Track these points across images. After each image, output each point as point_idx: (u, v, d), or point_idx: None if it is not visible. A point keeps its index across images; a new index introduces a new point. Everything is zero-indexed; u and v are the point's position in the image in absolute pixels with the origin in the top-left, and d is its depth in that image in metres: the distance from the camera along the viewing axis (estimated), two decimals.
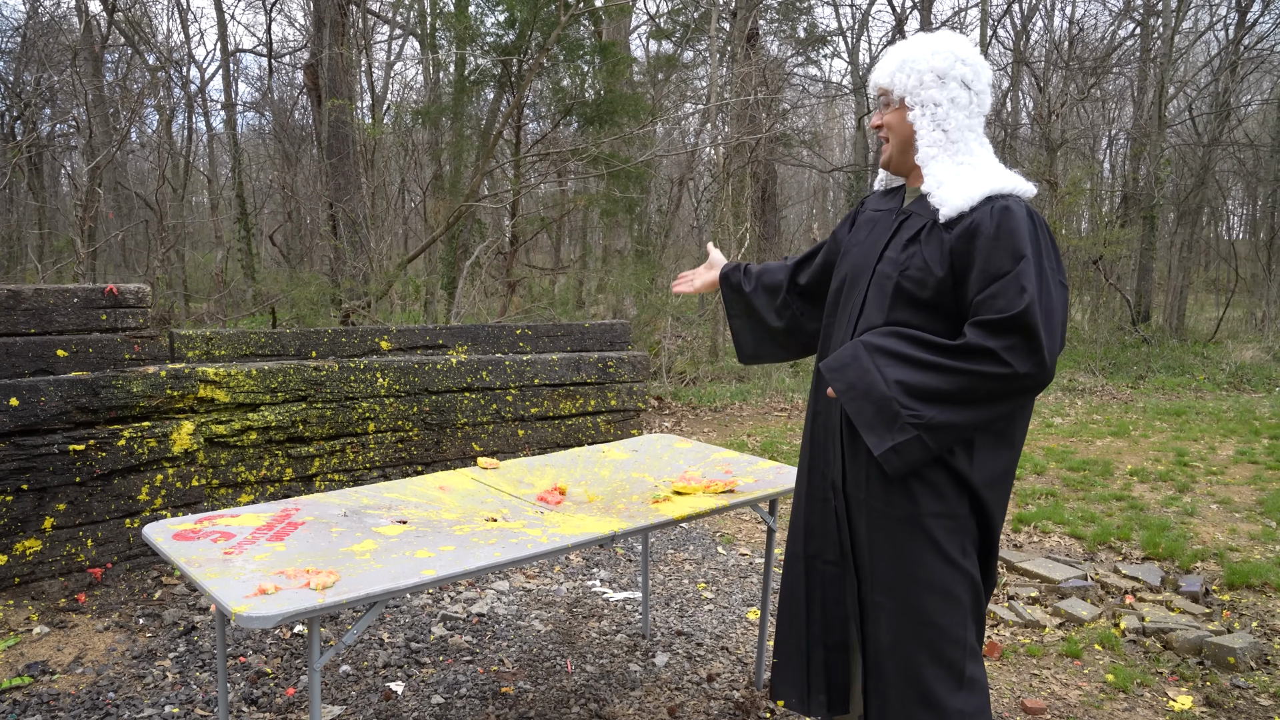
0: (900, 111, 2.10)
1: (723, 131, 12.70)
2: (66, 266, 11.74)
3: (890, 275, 2.05)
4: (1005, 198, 1.98)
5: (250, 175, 19.07)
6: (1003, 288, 1.87)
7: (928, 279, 1.99)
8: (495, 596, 4.04)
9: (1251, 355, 12.47)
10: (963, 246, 1.95)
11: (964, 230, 1.95)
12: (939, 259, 1.98)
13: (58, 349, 4.15)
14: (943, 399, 1.89)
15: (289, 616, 1.87)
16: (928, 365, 1.91)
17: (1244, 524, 5.19)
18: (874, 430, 1.94)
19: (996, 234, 1.91)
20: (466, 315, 10.40)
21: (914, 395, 1.90)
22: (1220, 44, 18.03)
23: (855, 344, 2.03)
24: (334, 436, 4.89)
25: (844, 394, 1.99)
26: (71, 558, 3.94)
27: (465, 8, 10.39)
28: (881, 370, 1.94)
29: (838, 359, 2.04)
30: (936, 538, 2.00)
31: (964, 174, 2.02)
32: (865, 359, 1.97)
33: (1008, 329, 1.85)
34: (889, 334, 2.00)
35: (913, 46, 2.10)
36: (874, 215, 2.26)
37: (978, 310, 1.91)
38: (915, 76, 2.06)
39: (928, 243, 2.01)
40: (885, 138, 2.15)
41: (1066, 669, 3.43)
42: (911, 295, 2.01)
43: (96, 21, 14.44)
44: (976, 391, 1.88)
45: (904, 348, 1.95)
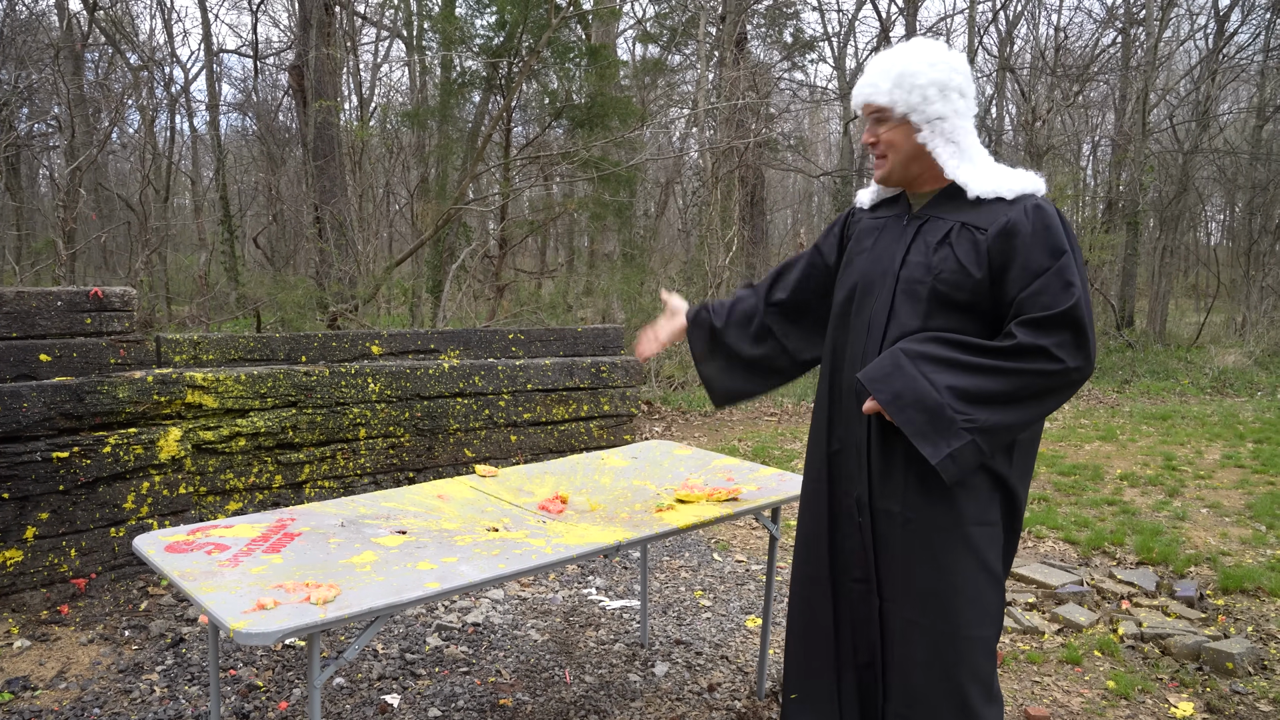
0: (903, 128, 2.06)
1: (711, 135, 12.69)
2: (46, 268, 11.57)
3: (923, 280, 2.01)
4: (1035, 196, 1.99)
5: (234, 177, 18.91)
6: (1046, 284, 1.87)
7: (964, 281, 1.96)
8: (490, 605, 3.99)
9: (1233, 360, 12.58)
10: (1000, 245, 1.94)
11: (1001, 229, 1.94)
12: (975, 260, 1.96)
13: (40, 353, 4.06)
14: (995, 400, 1.88)
15: (290, 633, 1.82)
16: (978, 369, 1.89)
17: (1234, 528, 5.20)
18: (928, 439, 1.89)
19: (1035, 231, 1.91)
20: (453, 319, 10.32)
21: (966, 399, 1.88)
22: (1200, 53, 18.22)
23: (895, 353, 1.97)
24: (324, 443, 4.82)
25: (891, 404, 1.93)
26: (54, 568, 3.85)
27: (452, 9, 10.33)
28: (929, 377, 1.90)
29: (878, 369, 1.97)
30: (978, 546, 1.99)
31: (992, 173, 2.03)
32: (909, 367, 1.93)
33: (1058, 325, 1.85)
34: (929, 340, 1.96)
35: (906, 60, 2.05)
36: (877, 222, 2.21)
37: (1022, 308, 1.90)
38: (918, 93, 2.02)
39: (959, 244, 1.98)
40: (883, 154, 2.10)
41: (1067, 676, 3.41)
42: (947, 298, 1.98)
43: (77, 20, 14.26)
44: (1029, 390, 1.87)
45: (950, 353, 1.92)
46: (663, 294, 2.69)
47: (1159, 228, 16.92)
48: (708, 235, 11.80)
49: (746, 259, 14.92)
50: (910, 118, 2.04)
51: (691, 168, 15.26)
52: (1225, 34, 16.79)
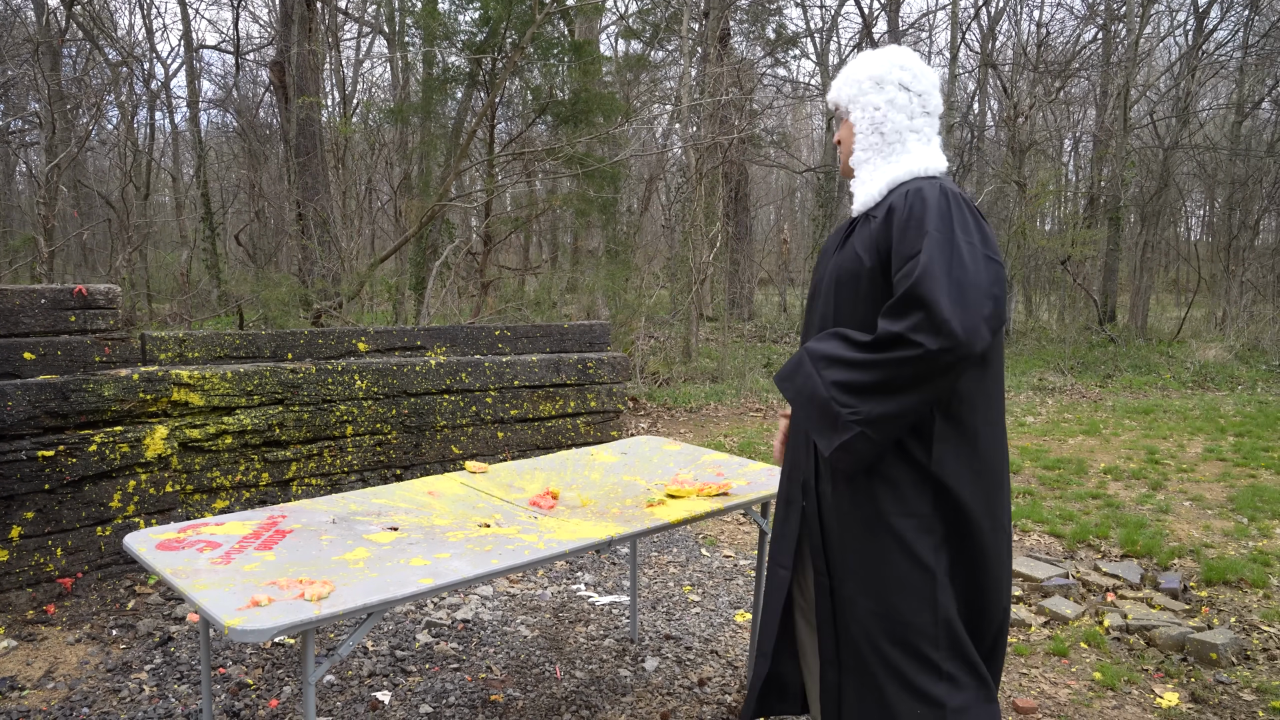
0: (846, 124, 2.18)
1: (695, 131, 12.70)
2: (25, 266, 11.45)
3: (836, 275, 2.11)
4: (916, 180, 2.03)
5: (216, 174, 18.75)
6: (909, 268, 1.87)
7: (859, 269, 2.03)
8: (480, 602, 3.98)
9: (1214, 354, 12.71)
10: (884, 233, 1.99)
11: (884, 217, 2.00)
12: (869, 247, 2.02)
13: (24, 351, 4.02)
14: (874, 392, 1.90)
15: (285, 629, 1.81)
16: (854, 363, 1.94)
17: (1217, 520, 5.27)
18: (822, 433, 1.97)
19: (909, 215, 1.93)
20: (437, 316, 10.28)
21: (849, 392, 1.92)
22: (1180, 49, 18.38)
23: (800, 352, 2.07)
24: (311, 440, 4.80)
25: (794, 401, 2.04)
26: (40, 568, 3.82)
27: (435, 5, 10.28)
28: (820, 374, 1.98)
29: (786, 368, 2.08)
30: (904, 537, 1.97)
31: (885, 169, 2.09)
32: (807, 365, 2.02)
33: (905, 308, 1.84)
34: (827, 337, 2.04)
35: (856, 61, 2.18)
36: (841, 228, 2.30)
37: (895, 290, 1.92)
38: (854, 85, 2.13)
39: (860, 235, 2.07)
40: (843, 152, 2.23)
41: (1054, 668, 3.45)
42: (850, 289, 2.06)
43: (54, 15, 14.09)
44: (901, 379, 1.86)
45: (837, 349, 1.98)
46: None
47: (1140, 223, 17.07)
48: (691, 231, 11.82)
49: (730, 255, 14.94)
50: (850, 111, 2.15)
51: (675, 164, 15.28)
52: (1205, 30, 16.94)
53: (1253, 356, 12.79)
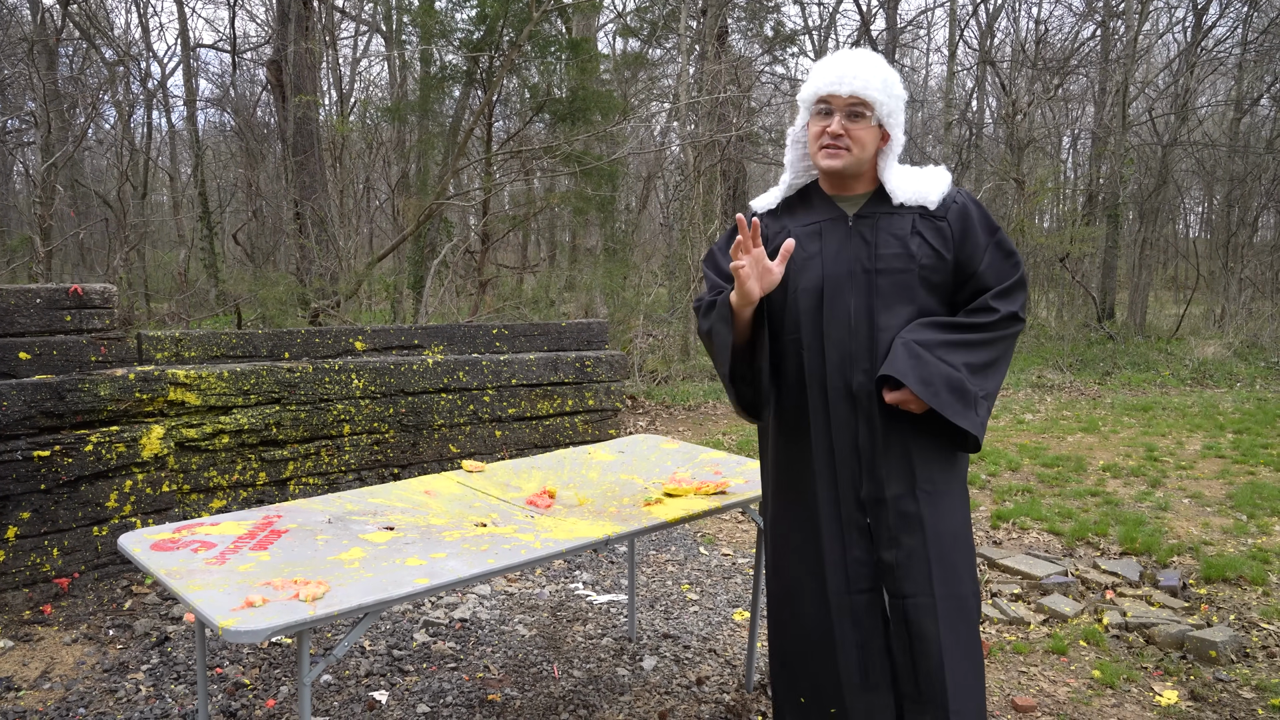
0: (874, 131, 2.15)
1: (693, 129, 12.68)
2: (22, 265, 11.42)
3: (906, 269, 2.12)
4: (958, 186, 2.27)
5: (213, 173, 18.72)
6: (995, 257, 2.15)
7: (940, 264, 2.14)
8: (477, 601, 3.97)
9: (1213, 351, 12.71)
10: (960, 227, 2.15)
11: (958, 214, 2.16)
12: (944, 244, 2.14)
13: (20, 351, 4.00)
14: (992, 367, 2.12)
15: (279, 630, 1.80)
16: (979, 344, 2.10)
17: (1216, 518, 5.26)
18: (963, 415, 2.05)
19: (978, 212, 2.18)
20: (435, 315, 10.27)
21: (975, 371, 2.08)
22: (1179, 46, 18.37)
23: (907, 345, 2.06)
24: (308, 439, 4.79)
25: (924, 391, 2.01)
26: (36, 568, 3.81)
27: (432, 3, 10.26)
28: (946, 360, 2.05)
29: (902, 363, 2.03)
30: (968, 511, 2.24)
31: (913, 173, 2.21)
32: (926, 355, 2.05)
33: (1018, 290, 2.14)
34: (927, 327, 2.10)
35: (884, 67, 2.17)
36: (811, 228, 2.20)
37: (980, 281, 2.14)
38: (896, 102, 2.17)
39: (928, 232, 2.14)
40: (847, 147, 2.13)
41: (1053, 666, 3.44)
42: (928, 282, 2.14)
43: (50, 14, 14.06)
44: (1007, 353, 2.17)
45: (951, 335, 2.10)
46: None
47: (1139, 220, 17.06)
48: (689, 229, 11.80)
49: None
50: (885, 123, 2.16)
51: (673, 162, 15.26)
52: (1203, 27, 16.93)
53: (1251, 353, 12.78)
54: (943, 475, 2.14)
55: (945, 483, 2.14)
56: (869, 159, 2.17)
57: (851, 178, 2.20)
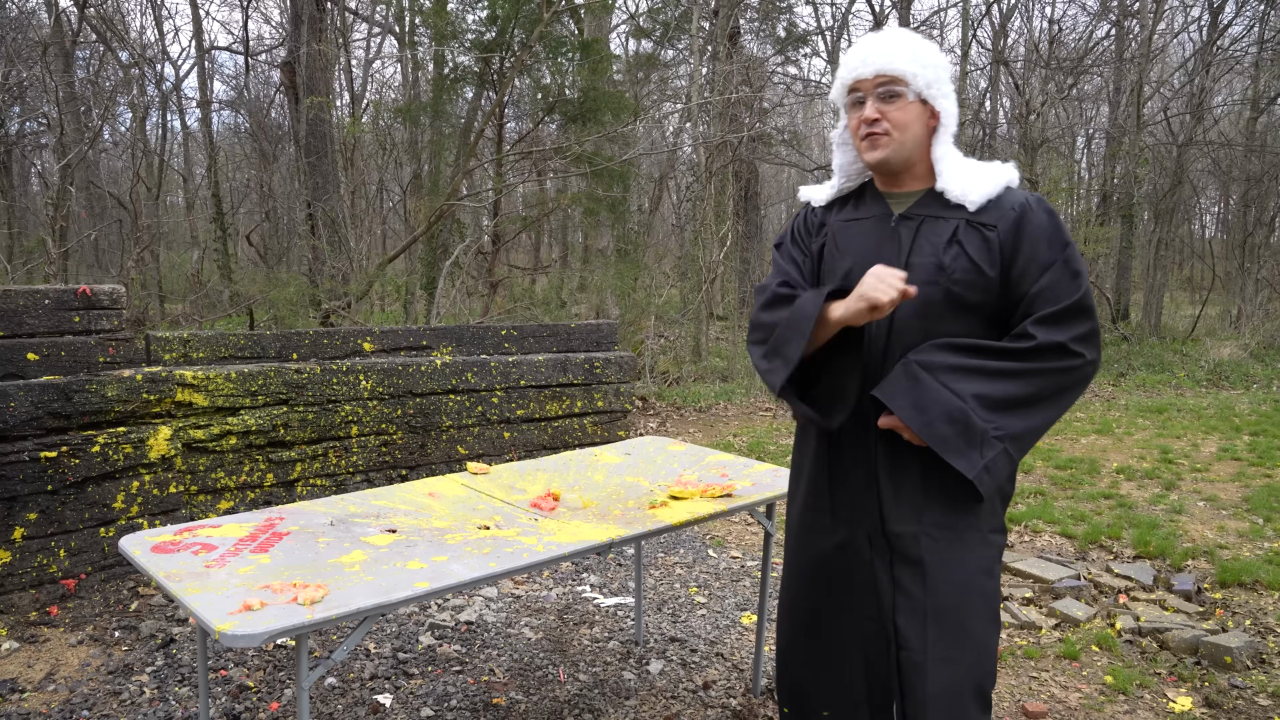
0: (915, 108, 1.89)
1: (705, 130, 12.65)
2: (37, 267, 11.50)
3: (933, 281, 1.85)
4: (1022, 188, 1.93)
5: (226, 174, 18.82)
6: (1056, 277, 1.81)
7: (977, 280, 1.85)
8: (484, 603, 3.95)
9: (1229, 352, 12.58)
10: (1012, 240, 1.84)
11: (1013, 223, 1.85)
12: (987, 257, 1.84)
13: (28, 352, 4.02)
14: (1021, 405, 1.80)
15: (276, 634, 1.79)
16: (1000, 373, 1.79)
17: (1231, 521, 5.19)
18: (961, 452, 1.77)
19: (1041, 223, 1.84)
20: (447, 316, 10.28)
21: (992, 407, 1.78)
22: (1195, 45, 18.21)
23: (908, 365, 1.83)
24: (316, 440, 4.78)
25: (914, 419, 1.78)
26: (43, 569, 3.81)
27: (444, 4, 10.27)
28: (950, 387, 1.78)
29: (894, 384, 1.82)
30: (994, 556, 1.91)
31: (966, 166, 1.92)
32: (927, 378, 1.79)
33: (1071, 317, 1.80)
34: (942, 348, 1.83)
35: (917, 40, 1.92)
36: (852, 225, 2.01)
37: (1033, 304, 1.82)
38: (933, 71, 1.88)
39: (969, 242, 1.85)
40: (886, 131, 1.88)
41: (1065, 671, 3.39)
42: (960, 299, 1.85)
43: (67, 16, 14.16)
44: (1051, 389, 1.81)
45: (967, 359, 1.81)
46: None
47: (1154, 220, 16.91)
48: (702, 230, 11.77)
49: (740, 253, 14.89)
50: (925, 96, 1.88)
51: (685, 162, 15.23)
52: (1219, 26, 16.77)
53: (1268, 354, 12.64)
54: (959, 517, 1.87)
55: (961, 526, 1.87)
56: (917, 144, 1.91)
57: (903, 172, 1.95)
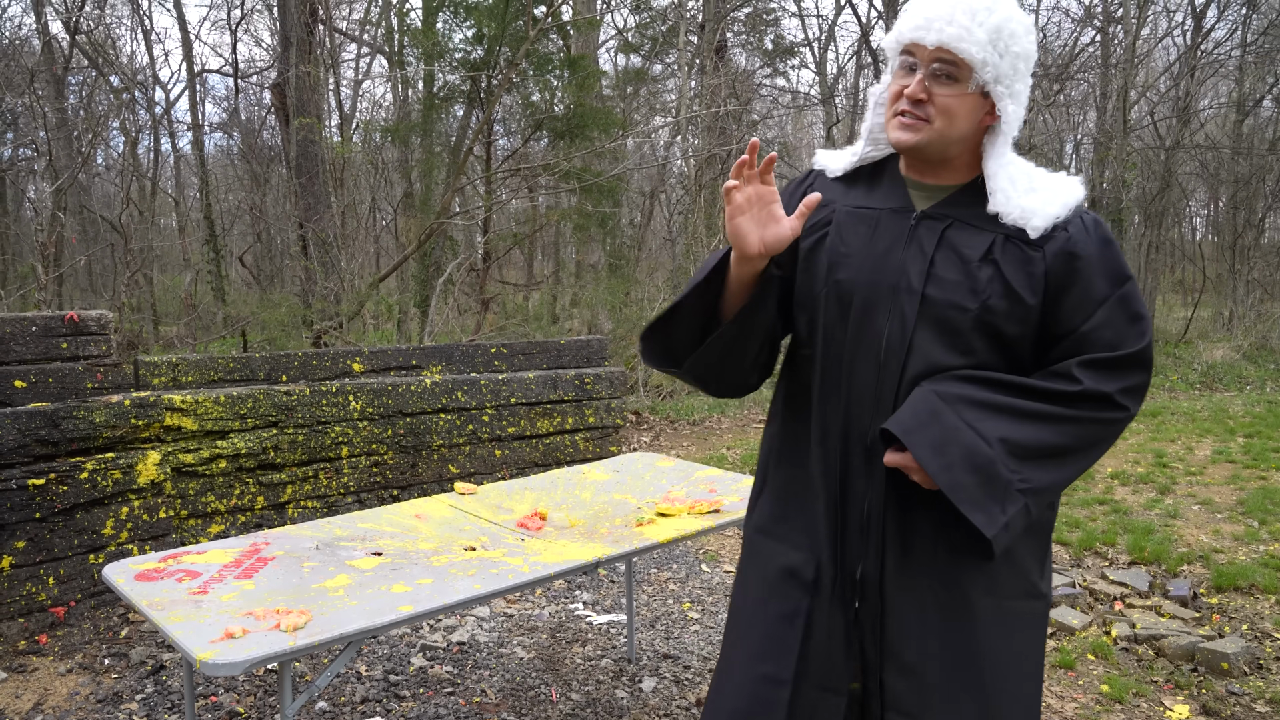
0: (973, 100, 1.55)
1: (693, 144, 12.70)
2: (30, 292, 11.49)
3: (964, 306, 1.54)
4: (1084, 208, 1.62)
5: (218, 196, 18.83)
6: (1110, 316, 1.54)
7: (1016, 310, 1.54)
8: (476, 623, 3.93)
9: (1222, 355, 12.61)
10: (1061, 267, 1.54)
11: (1062, 248, 1.54)
12: (1029, 285, 1.54)
13: (15, 380, 4.01)
14: (1051, 455, 1.52)
15: (257, 662, 1.77)
16: (1034, 416, 1.52)
17: (1227, 525, 5.19)
18: (980, 506, 1.47)
19: (1099, 250, 1.56)
20: (440, 334, 10.27)
21: (1018, 455, 1.50)
22: (1179, 49, 18.34)
23: (927, 395, 1.53)
24: (307, 462, 4.77)
25: (933, 461, 1.47)
26: (32, 597, 3.79)
27: (433, 24, 10.32)
28: (975, 426, 1.49)
29: (912, 417, 1.51)
30: (1029, 625, 1.62)
31: (1032, 177, 1.60)
32: (949, 414, 1.50)
33: (1128, 368, 1.54)
34: (967, 380, 1.54)
35: (1000, 12, 1.52)
36: (864, 214, 1.65)
37: (1083, 344, 1.54)
38: (1010, 62, 1.52)
39: (1007, 263, 1.54)
40: (927, 118, 1.54)
41: (1060, 680, 3.38)
42: (994, 329, 1.55)
43: (59, 42, 14.20)
44: (1086, 441, 1.54)
45: (997, 396, 1.53)
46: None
47: (1144, 224, 16.98)
48: (693, 243, 11.79)
49: None
50: (992, 89, 1.53)
51: (676, 176, 15.28)
52: (1203, 30, 16.89)
53: (1261, 356, 12.68)
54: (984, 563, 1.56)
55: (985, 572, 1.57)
56: (962, 139, 1.58)
57: (937, 161, 1.61)
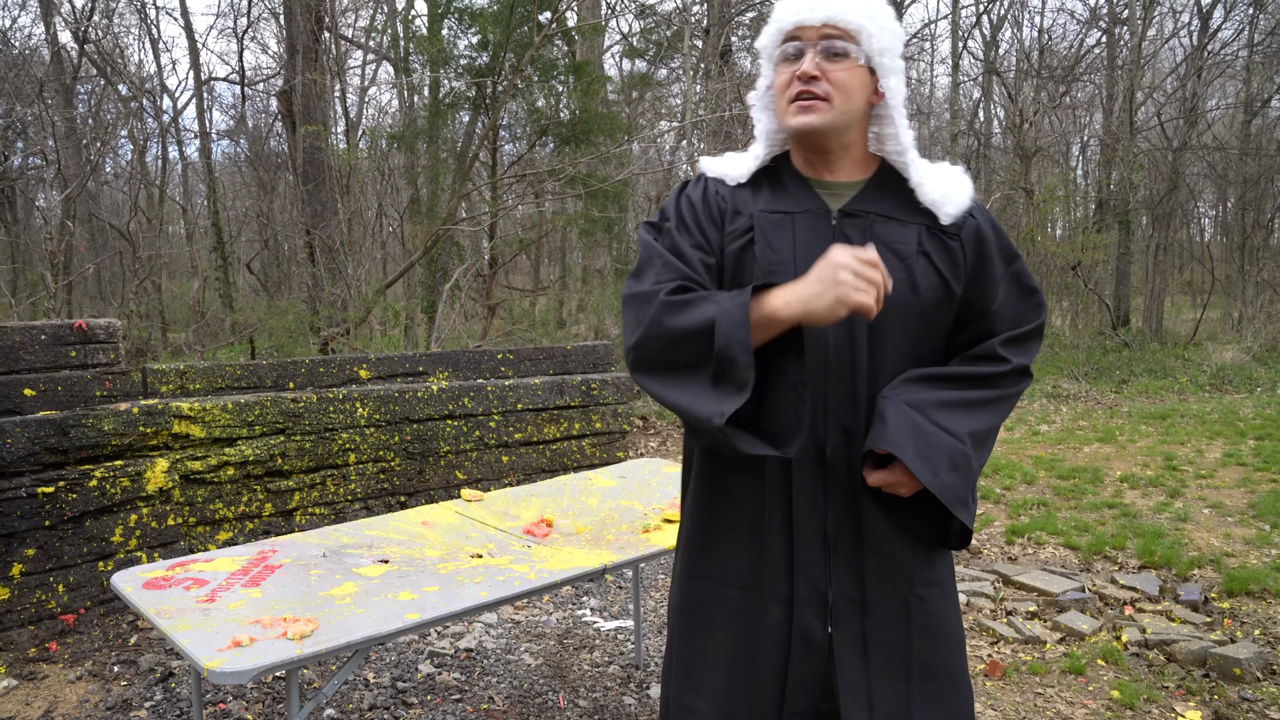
0: (861, 73, 1.54)
1: (699, 148, 12.70)
2: (39, 301, 11.55)
3: (909, 302, 1.55)
4: None
5: (226, 203, 18.91)
6: (1014, 294, 1.63)
7: (947, 300, 1.59)
8: (483, 630, 3.93)
9: (1231, 356, 12.54)
10: (974, 251, 1.60)
11: (974, 235, 1.60)
12: (955, 272, 1.58)
13: (24, 388, 4.02)
14: (993, 435, 1.61)
15: (264, 670, 1.77)
16: (983, 403, 1.58)
17: (1238, 528, 5.15)
18: (965, 502, 1.51)
19: (994, 232, 1.63)
20: (447, 339, 10.29)
21: (979, 443, 1.56)
22: (1185, 50, 18.28)
23: (899, 406, 1.52)
24: (314, 469, 4.77)
25: (924, 469, 1.47)
26: (42, 605, 3.80)
27: (438, 31, 10.35)
28: (946, 427, 1.51)
29: (898, 432, 1.48)
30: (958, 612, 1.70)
31: (951, 171, 1.63)
32: (921, 420, 1.50)
33: (1035, 339, 1.64)
34: (919, 382, 1.55)
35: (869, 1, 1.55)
36: (779, 218, 1.59)
37: (993, 324, 1.61)
38: (889, 36, 1.54)
39: (935, 252, 1.57)
40: (825, 95, 1.51)
41: (1070, 686, 3.36)
42: (930, 321, 1.58)
43: (67, 52, 14.30)
44: (1005, 416, 1.63)
45: (952, 392, 1.56)
46: None
47: (1152, 225, 16.93)
48: None
49: None
50: (876, 63, 1.54)
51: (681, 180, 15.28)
52: (1209, 30, 16.84)
53: (1271, 357, 12.61)
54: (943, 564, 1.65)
55: (944, 572, 1.66)
56: (856, 118, 1.56)
57: (836, 152, 1.59)
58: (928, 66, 24.18)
